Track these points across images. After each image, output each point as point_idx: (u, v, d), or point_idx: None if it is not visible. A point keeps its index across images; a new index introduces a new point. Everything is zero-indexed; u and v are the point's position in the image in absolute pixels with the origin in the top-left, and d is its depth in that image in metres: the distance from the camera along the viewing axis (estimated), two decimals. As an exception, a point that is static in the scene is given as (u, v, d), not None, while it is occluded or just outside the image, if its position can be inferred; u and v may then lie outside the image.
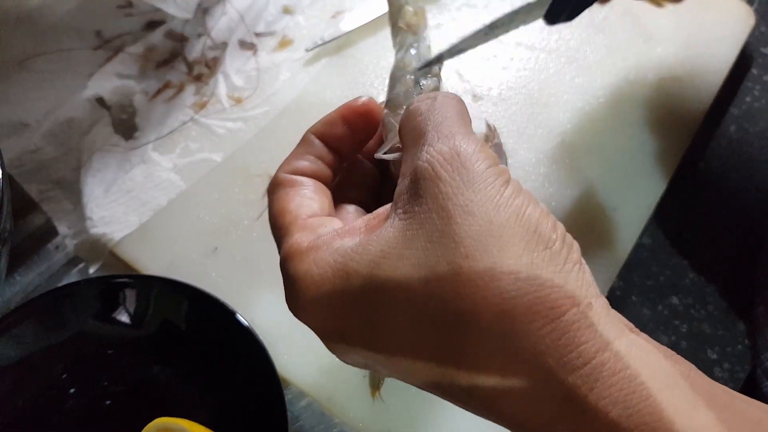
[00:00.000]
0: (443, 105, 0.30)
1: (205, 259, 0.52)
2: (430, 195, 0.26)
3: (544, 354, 0.24)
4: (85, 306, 0.47)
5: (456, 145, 0.27)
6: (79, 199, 0.55)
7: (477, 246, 0.25)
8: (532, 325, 0.24)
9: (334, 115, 0.34)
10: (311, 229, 0.29)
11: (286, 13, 0.67)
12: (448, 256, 0.25)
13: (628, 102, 0.62)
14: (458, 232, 0.25)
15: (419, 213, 0.26)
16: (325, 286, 0.27)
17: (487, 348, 0.24)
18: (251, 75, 0.62)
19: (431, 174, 0.26)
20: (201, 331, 0.48)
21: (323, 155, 0.33)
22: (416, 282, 0.25)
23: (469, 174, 0.26)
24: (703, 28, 0.66)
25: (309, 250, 0.28)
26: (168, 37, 0.65)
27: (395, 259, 0.26)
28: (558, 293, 0.24)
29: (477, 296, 0.24)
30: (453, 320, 0.25)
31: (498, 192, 0.26)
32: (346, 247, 0.27)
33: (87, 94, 0.60)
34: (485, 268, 0.24)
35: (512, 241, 0.25)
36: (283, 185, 0.32)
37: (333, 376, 0.48)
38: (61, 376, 0.47)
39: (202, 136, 0.58)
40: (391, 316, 0.26)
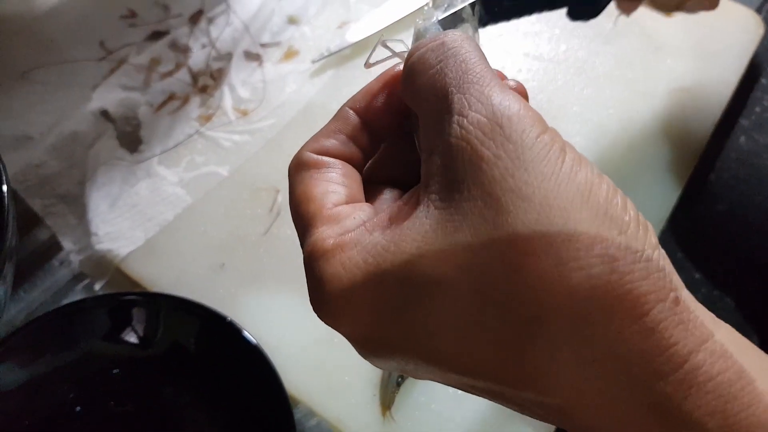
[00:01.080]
0: (459, 50, 0.25)
1: (212, 275, 0.51)
2: (473, 179, 0.22)
3: (627, 360, 0.20)
4: (92, 324, 0.47)
5: (495, 112, 0.22)
6: (83, 214, 0.54)
7: (538, 239, 0.21)
8: (611, 327, 0.20)
9: (375, 85, 0.29)
10: (337, 221, 0.25)
11: (291, 23, 0.66)
12: (502, 254, 0.21)
13: (637, 113, 0.61)
14: (513, 224, 0.21)
15: (460, 201, 0.22)
16: (355, 292, 0.23)
17: (560, 357, 0.21)
18: (257, 87, 0.62)
19: (470, 154, 0.22)
20: (209, 349, 0.47)
21: (357, 134, 0.29)
22: (465, 285, 0.22)
23: (517, 148, 0.22)
24: (712, 38, 0.66)
25: (335, 249, 0.24)
26: (172, 47, 0.65)
27: (435, 258, 0.22)
28: (640, 288, 0.21)
29: (543, 299, 0.21)
30: (516, 328, 0.21)
31: (555, 167, 0.22)
32: (377, 244, 0.23)
33: (91, 106, 0.59)
34: (551, 265, 0.21)
35: (580, 228, 0.21)
36: (307, 166, 0.28)
37: (343, 395, 0.47)
38: (68, 395, 0.46)
39: (208, 149, 0.58)
40: (435, 323, 0.23)
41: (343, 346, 0.48)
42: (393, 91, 0.28)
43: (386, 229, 0.24)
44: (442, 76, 0.24)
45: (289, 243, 0.53)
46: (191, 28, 0.66)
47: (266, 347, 0.46)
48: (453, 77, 0.24)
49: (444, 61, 0.24)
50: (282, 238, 0.53)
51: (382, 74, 0.29)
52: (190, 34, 0.65)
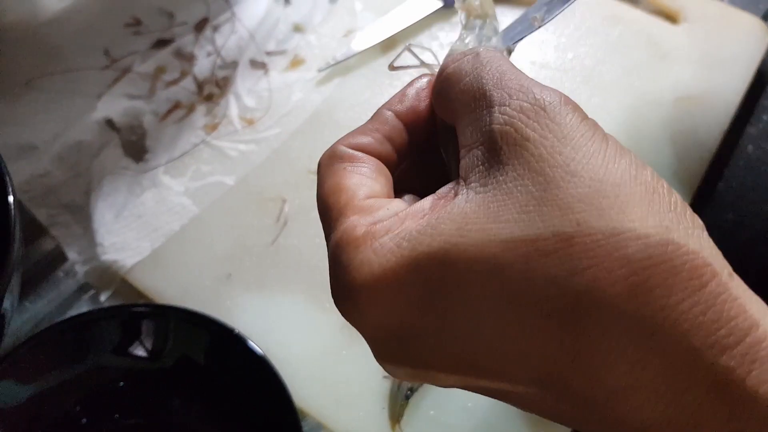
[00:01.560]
0: (493, 60, 0.25)
1: (219, 286, 0.51)
2: (519, 159, 0.22)
3: (687, 333, 0.20)
4: (100, 337, 0.46)
5: (537, 99, 0.22)
6: (89, 224, 0.54)
7: (590, 210, 0.20)
8: (670, 299, 0.20)
9: (410, 90, 0.29)
10: (369, 211, 0.24)
11: (296, 31, 0.66)
12: (553, 225, 0.21)
13: (645, 122, 0.61)
14: (563, 197, 0.21)
15: (504, 182, 0.22)
16: (386, 278, 0.22)
17: (616, 333, 0.20)
18: (263, 95, 0.61)
19: (515, 136, 0.22)
20: (216, 361, 0.47)
21: (394, 135, 0.28)
22: (511, 260, 0.21)
23: (562, 129, 0.22)
24: (719, 46, 0.66)
25: (366, 236, 0.23)
26: (177, 56, 0.65)
27: (478, 236, 0.21)
28: (696, 260, 0.20)
29: (598, 269, 0.20)
30: (568, 303, 0.20)
31: (601, 148, 0.22)
32: (411, 230, 0.22)
33: (96, 116, 0.59)
34: (605, 235, 0.20)
35: (632, 201, 0.21)
36: (340, 159, 0.27)
37: (352, 408, 0.47)
38: (74, 407, 0.46)
39: (214, 159, 0.57)
40: (477, 310, 0.22)
41: (352, 357, 0.48)
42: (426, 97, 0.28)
43: (420, 218, 0.23)
44: (478, 80, 0.24)
45: (296, 253, 0.52)
46: (196, 36, 0.65)
47: (274, 359, 0.46)
48: (489, 79, 0.24)
49: (480, 68, 0.25)
50: (289, 248, 0.53)
51: (416, 80, 0.29)
52: (195, 42, 0.65)
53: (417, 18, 0.65)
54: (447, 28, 0.66)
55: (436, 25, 0.66)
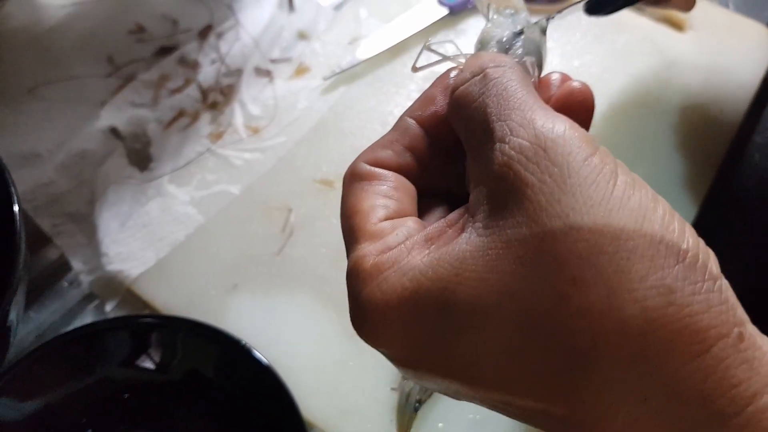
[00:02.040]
0: (500, 79, 0.24)
1: (224, 297, 0.51)
2: (518, 206, 0.21)
3: (685, 400, 0.19)
4: (105, 348, 0.46)
5: (538, 135, 0.22)
6: (93, 234, 0.53)
7: (587, 268, 0.20)
8: (667, 367, 0.19)
9: (434, 91, 0.28)
10: (379, 237, 0.25)
11: (301, 38, 0.66)
12: (549, 283, 0.20)
13: (652, 130, 0.61)
14: (560, 252, 0.20)
15: (504, 228, 0.21)
16: (391, 315, 0.23)
17: (610, 393, 0.20)
18: (268, 103, 0.61)
19: (513, 180, 0.21)
20: (223, 372, 0.46)
21: (416, 143, 0.28)
22: (509, 314, 0.21)
23: (563, 172, 0.21)
24: (725, 54, 0.65)
25: (373, 270, 0.24)
26: (181, 63, 0.64)
27: (474, 285, 0.21)
28: (700, 322, 0.19)
29: (595, 332, 0.20)
30: (563, 360, 0.20)
31: (606, 191, 0.21)
32: (414, 268, 0.23)
33: (100, 124, 0.59)
34: (602, 297, 0.19)
35: (633, 256, 0.20)
36: (360, 178, 0.27)
37: (358, 419, 0.46)
38: (80, 419, 0.45)
39: (219, 168, 0.57)
40: (475, 352, 0.22)
41: (359, 368, 0.48)
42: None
43: (425, 249, 0.23)
44: (483, 107, 0.24)
45: (302, 263, 0.52)
46: (200, 44, 0.65)
47: (280, 369, 0.45)
48: (494, 107, 0.23)
49: (486, 92, 0.24)
50: (295, 258, 0.52)
51: (439, 79, 0.28)
52: (199, 50, 0.65)
53: (423, 25, 0.65)
54: (452, 35, 0.66)
55: (441, 32, 0.65)
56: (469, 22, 0.66)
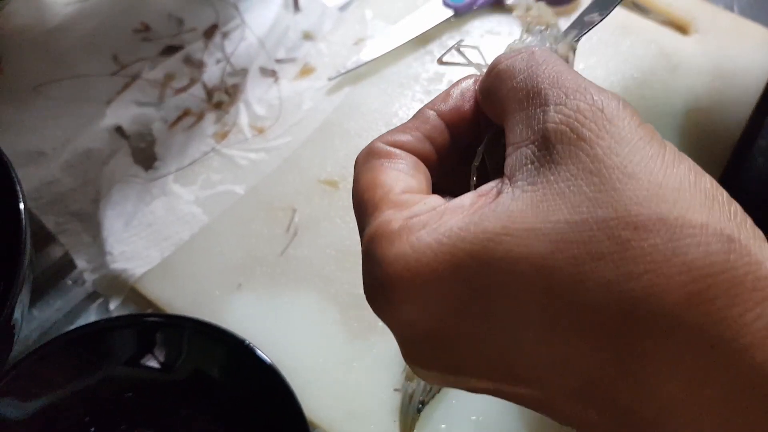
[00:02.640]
0: (548, 58, 0.24)
1: (228, 296, 0.51)
2: (573, 159, 0.21)
3: (749, 348, 0.18)
4: (109, 346, 0.46)
5: (595, 100, 0.22)
6: (98, 233, 0.53)
7: (648, 214, 0.19)
8: (732, 311, 0.19)
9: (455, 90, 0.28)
10: (405, 206, 0.24)
11: (306, 39, 0.66)
12: (608, 227, 0.20)
13: (656, 133, 0.61)
14: (619, 199, 0.20)
15: (556, 182, 0.21)
16: (423, 274, 0.21)
17: (673, 343, 0.19)
18: (273, 103, 0.61)
19: (570, 135, 0.21)
20: (226, 372, 0.46)
21: (435, 135, 0.27)
22: (561, 262, 0.20)
23: (620, 131, 0.21)
24: (730, 58, 0.66)
25: (403, 230, 0.22)
26: (186, 62, 0.64)
27: (526, 236, 0.20)
28: (759, 270, 0.19)
29: (656, 274, 0.19)
30: (621, 310, 0.19)
31: (659, 152, 0.21)
32: (451, 227, 0.21)
33: (106, 123, 0.59)
34: (665, 240, 0.19)
35: (692, 206, 0.20)
36: (378, 155, 0.26)
37: (362, 420, 0.46)
38: (83, 417, 0.45)
39: (224, 167, 0.57)
40: (520, 313, 0.21)
41: (363, 369, 0.48)
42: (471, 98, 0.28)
43: (459, 213, 0.22)
44: (533, 77, 0.23)
45: (306, 263, 0.52)
46: (206, 43, 0.65)
47: (284, 370, 0.45)
48: (545, 78, 0.23)
49: (535, 66, 0.24)
50: (299, 258, 0.52)
51: (462, 80, 0.28)
52: (204, 49, 0.65)
53: (428, 27, 0.65)
54: (458, 36, 0.66)
55: (446, 33, 0.66)
56: (474, 23, 0.67)
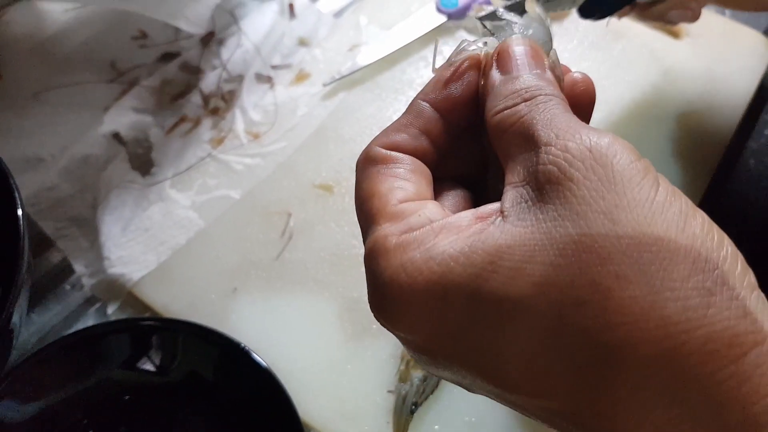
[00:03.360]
0: (547, 102, 0.24)
1: (224, 300, 0.51)
2: (561, 200, 0.21)
3: (720, 406, 0.19)
4: (106, 350, 0.47)
5: (584, 140, 0.22)
6: (96, 238, 0.54)
7: (630, 264, 0.20)
8: (705, 368, 0.19)
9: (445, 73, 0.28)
10: (401, 218, 0.24)
11: (301, 45, 0.66)
12: (590, 276, 0.20)
13: (648, 137, 0.61)
14: (604, 246, 0.20)
15: (544, 221, 0.21)
16: (415, 299, 0.22)
17: (645, 394, 0.19)
18: (269, 109, 0.62)
19: (558, 175, 0.21)
20: (222, 375, 0.47)
21: (430, 127, 0.27)
22: (544, 305, 0.20)
23: (608, 172, 0.21)
24: (721, 61, 0.66)
25: (397, 249, 0.23)
26: (183, 69, 0.65)
27: (511, 274, 0.21)
28: (737, 327, 0.19)
29: (633, 327, 0.19)
30: (597, 357, 0.20)
31: (649, 194, 0.21)
32: (443, 252, 0.22)
33: (103, 129, 0.59)
34: (644, 293, 0.19)
35: (675, 258, 0.20)
36: (375, 162, 0.27)
37: (356, 422, 0.47)
38: (81, 420, 0.46)
39: (220, 173, 0.58)
40: (504, 345, 0.21)
41: (357, 371, 0.48)
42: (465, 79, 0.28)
43: (453, 235, 0.23)
44: (530, 120, 0.24)
45: (301, 267, 0.53)
46: (202, 50, 0.66)
47: (279, 372, 0.46)
48: (540, 120, 0.24)
49: (534, 109, 0.24)
50: (294, 262, 0.53)
51: (448, 60, 0.28)
52: (201, 56, 0.65)
53: (421, 32, 0.65)
54: (451, 42, 0.66)
55: (440, 39, 0.66)
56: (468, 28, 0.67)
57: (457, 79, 0.28)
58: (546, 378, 0.21)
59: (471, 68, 0.28)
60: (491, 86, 0.27)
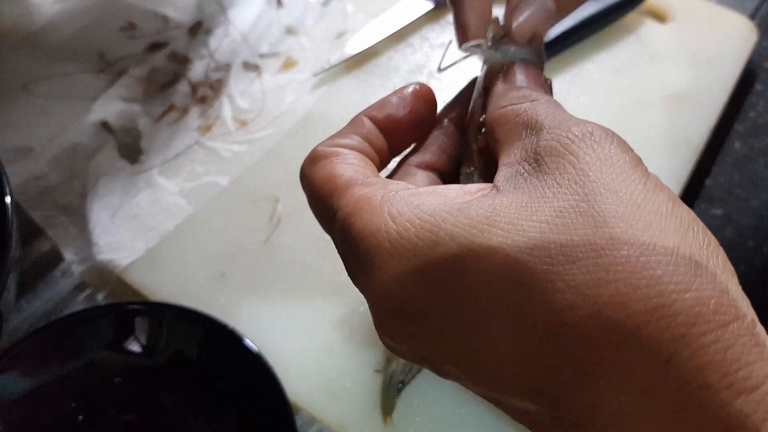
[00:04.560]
0: (549, 103, 0.26)
1: (213, 284, 0.52)
2: (560, 170, 0.22)
3: (705, 368, 0.19)
4: (95, 334, 0.47)
5: (586, 126, 0.23)
6: (85, 225, 0.54)
7: (625, 228, 0.20)
8: (693, 329, 0.19)
9: (393, 98, 0.29)
10: (377, 184, 0.24)
11: (289, 33, 0.67)
12: (586, 234, 0.20)
13: (634, 120, 0.62)
14: (600, 210, 0.21)
15: (542, 188, 0.22)
16: (403, 247, 0.22)
17: (630, 352, 0.19)
18: (256, 97, 0.62)
19: (560, 150, 0.23)
20: (211, 357, 0.47)
21: (372, 138, 0.28)
22: (536, 261, 0.20)
23: (606, 154, 0.22)
24: (707, 45, 0.67)
25: (384, 203, 0.23)
26: (171, 59, 0.65)
27: (507, 229, 0.21)
28: (723, 297, 0.20)
29: (624, 284, 0.19)
30: (586, 314, 0.20)
31: (642, 179, 0.22)
32: (435, 206, 0.22)
33: (92, 118, 0.60)
34: (637, 253, 0.20)
35: (667, 230, 0.20)
36: (324, 157, 0.27)
37: (344, 402, 0.47)
38: (70, 404, 0.46)
39: (208, 160, 0.58)
40: (489, 305, 0.21)
41: (345, 353, 0.49)
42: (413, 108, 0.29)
43: (442, 198, 0.23)
44: (533, 112, 0.25)
45: (289, 252, 0.53)
46: (190, 40, 0.66)
47: (268, 355, 0.46)
48: (543, 111, 0.25)
49: (535, 105, 0.26)
50: (282, 246, 0.53)
51: (401, 88, 0.30)
52: (189, 46, 0.66)
53: (408, 20, 0.66)
54: (437, 29, 0.67)
55: (426, 26, 0.67)
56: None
57: (404, 101, 0.29)
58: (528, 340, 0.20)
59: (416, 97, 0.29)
60: (496, 93, 0.28)
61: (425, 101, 0.29)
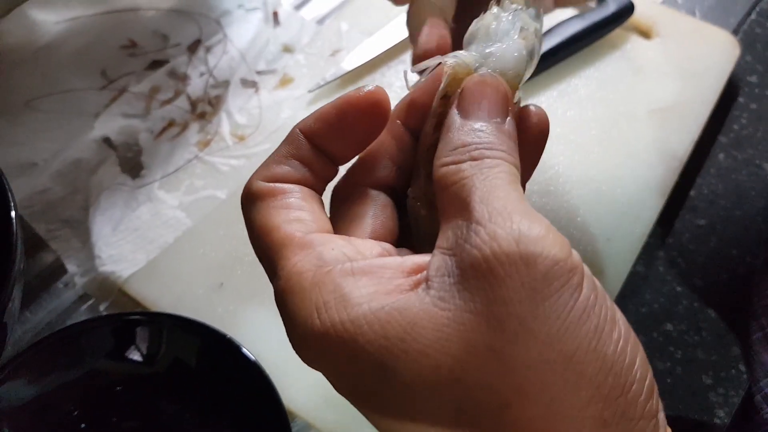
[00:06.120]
0: (492, 169, 0.23)
1: (211, 295, 0.53)
2: (481, 296, 0.21)
3: None
4: (97, 344, 0.49)
5: (513, 228, 0.21)
6: (87, 238, 0.56)
7: (534, 380, 0.20)
8: None
9: (329, 110, 0.26)
10: (312, 248, 0.23)
11: (285, 51, 0.69)
12: (493, 386, 0.20)
13: (619, 133, 0.63)
14: (512, 356, 0.20)
15: (462, 311, 0.21)
16: (329, 350, 0.22)
17: None
18: (253, 113, 0.64)
19: (484, 271, 0.21)
20: (209, 366, 0.49)
21: (311, 160, 0.26)
22: (444, 400, 0.21)
23: (531, 273, 0.21)
24: (691, 59, 0.68)
25: (313, 289, 0.22)
26: (171, 76, 0.67)
27: (418, 359, 0.21)
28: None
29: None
30: None
31: (567, 305, 0.21)
32: (358, 307, 0.22)
33: (94, 134, 0.62)
34: (541, 414, 0.20)
35: (579, 382, 0.20)
36: (260, 197, 0.25)
37: (339, 409, 0.49)
38: (72, 412, 0.48)
39: (206, 174, 0.60)
40: (403, 413, 0.22)
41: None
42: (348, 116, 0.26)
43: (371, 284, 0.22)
44: (469, 186, 0.23)
45: (285, 263, 0.55)
46: (189, 57, 0.68)
47: (264, 363, 0.48)
48: (479, 191, 0.23)
49: (476, 173, 0.23)
50: (278, 258, 0.55)
51: (339, 98, 0.27)
52: (188, 63, 0.68)
53: (402, 38, 0.68)
54: (430, 46, 0.68)
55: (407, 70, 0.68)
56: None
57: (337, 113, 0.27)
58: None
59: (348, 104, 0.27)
60: (448, 126, 0.25)
61: (363, 111, 0.26)
